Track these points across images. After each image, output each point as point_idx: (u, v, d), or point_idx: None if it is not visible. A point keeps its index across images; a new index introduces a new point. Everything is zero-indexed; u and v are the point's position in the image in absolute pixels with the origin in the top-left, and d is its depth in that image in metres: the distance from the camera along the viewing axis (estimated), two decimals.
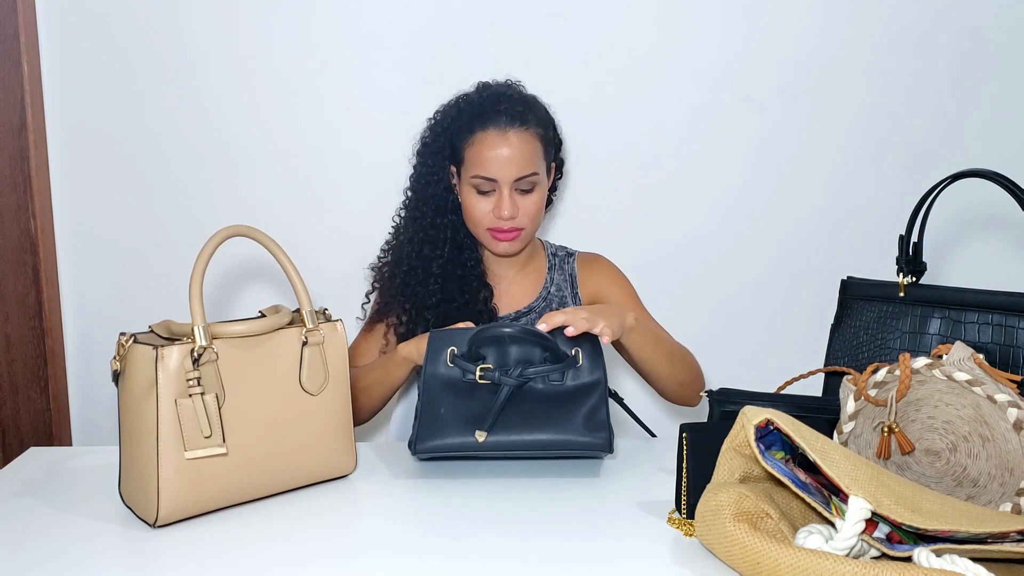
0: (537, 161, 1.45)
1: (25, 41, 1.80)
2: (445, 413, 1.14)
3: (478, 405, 1.14)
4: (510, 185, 1.43)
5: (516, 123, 1.43)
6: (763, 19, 1.92)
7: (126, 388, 1.02)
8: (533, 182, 1.45)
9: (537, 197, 1.46)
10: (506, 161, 1.42)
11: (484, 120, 1.43)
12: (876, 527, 0.85)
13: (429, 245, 1.49)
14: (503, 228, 1.44)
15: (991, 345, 1.11)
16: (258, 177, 1.91)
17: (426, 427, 1.14)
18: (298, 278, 1.10)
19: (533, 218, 1.46)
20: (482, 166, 1.42)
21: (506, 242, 1.46)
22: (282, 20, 1.87)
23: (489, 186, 1.43)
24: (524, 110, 1.45)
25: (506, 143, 1.42)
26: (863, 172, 1.99)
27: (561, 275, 1.57)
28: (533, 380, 1.16)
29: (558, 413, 1.14)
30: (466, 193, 1.46)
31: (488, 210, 1.44)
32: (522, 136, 1.43)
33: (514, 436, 1.12)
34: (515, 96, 1.47)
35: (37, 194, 1.84)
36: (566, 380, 1.17)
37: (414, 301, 1.48)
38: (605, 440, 1.13)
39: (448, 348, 1.18)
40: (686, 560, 0.93)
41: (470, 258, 1.51)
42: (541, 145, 1.46)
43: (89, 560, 0.95)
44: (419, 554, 0.95)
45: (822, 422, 1.07)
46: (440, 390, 1.16)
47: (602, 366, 1.18)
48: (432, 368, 1.18)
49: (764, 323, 2.02)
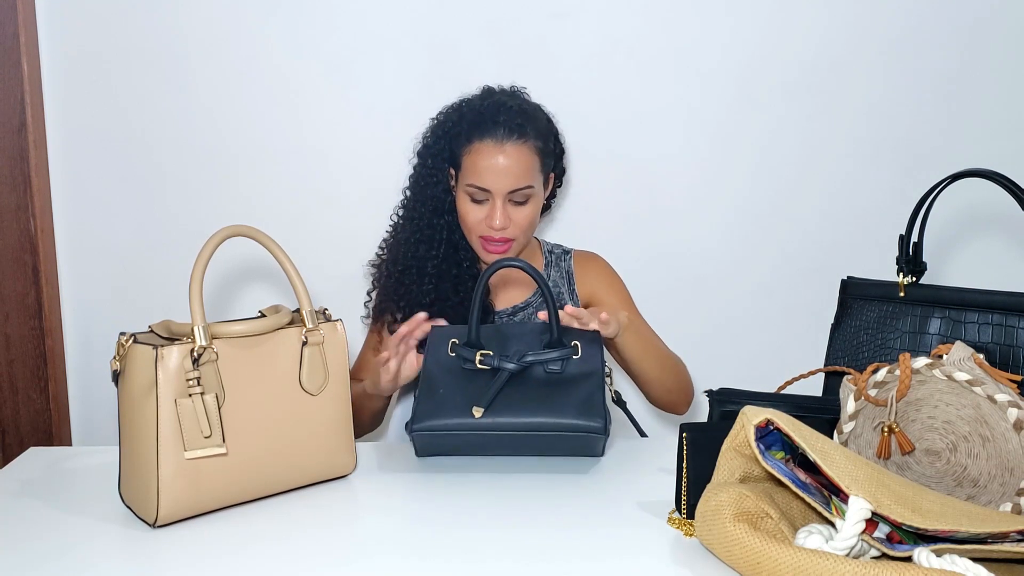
0: (532, 174, 1.45)
1: (25, 41, 1.80)
2: (444, 394, 1.16)
3: (477, 388, 1.16)
4: (503, 196, 1.43)
5: (514, 136, 1.42)
6: (764, 19, 1.92)
7: (126, 388, 1.02)
8: (527, 195, 1.45)
9: (530, 210, 1.46)
10: (501, 173, 1.42)
11: (482, 130, 1.43)
12: (876, 527, 0.85)
13: (424, 245, 1.50)
14: (494, 238, 1.45)
15: (991, 345, 1.11)
16: (258, 177, 1.91)
17: (424, 406, 1.16)
18: (298, 278, 1.10)
19: (525, 230, 1.47)
20: (477, 176, 1.43)
21: (496, 253, 1.47)
22: (282, 20, 1.87)
23: (483, 196, 1.44)
24: (523, 123, 1.44)
25: (502, 155, 1.42)
26: (863, 172, 1.99)
27: (558, 272, 1.58)
28: (532, 367, 1.18)
29: (555, 396, 1.16)
30: (461, 199, 1.47)
31: (481, 218, 1.45)
32: (519, 149, 1.43)
33: (510, 417, 1.14)
34: (515, 108, 1.46)
35: (37, 194, 1.84)
36: (565, 368, 1.19)
37: (408, 300, 1.49)
38: (600, 424, 1.14)
39: (449, 340, 1.22)
40: (686, 560, 0.93)
41: (466, 258, 1.52)
42: (539, 158, 1.46)
43: (89, 560, 0.95)
44: (419, 554, 0.95)
45: (822, 422, 1.07)
46: (440, 374, 1.19)
47: (600, 358, 1.20)
48: (434, 357, 1.21)
49: (764, 323, 2.02)
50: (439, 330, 1.25)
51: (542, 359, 1.18)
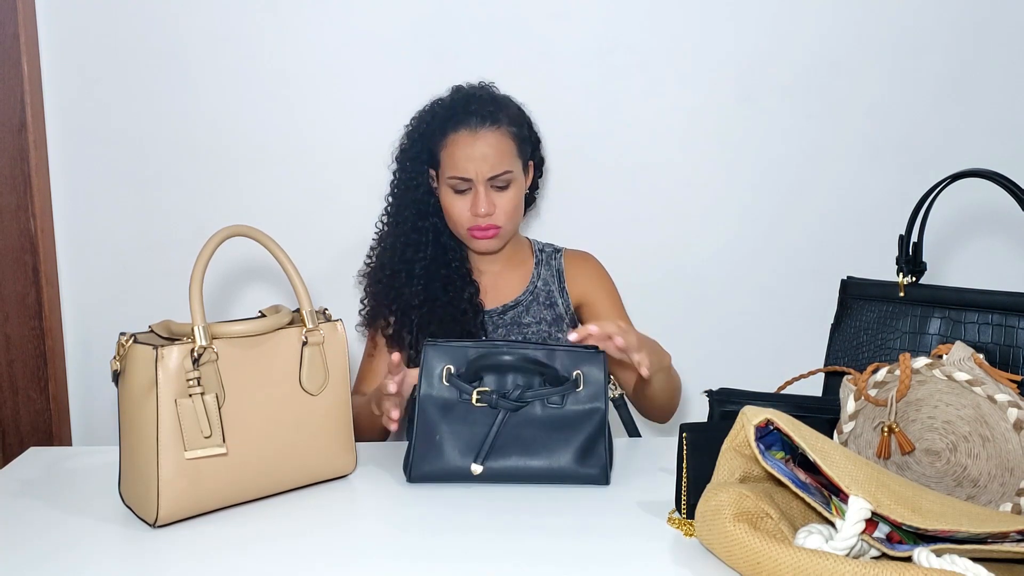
0: (511, 159, 1.47)
1: (25, 41, 1.80)
2: (440, 440, 1.13)
3: (474, 430, 1.13)
4: (484, 183, 1.45)
5: (487, 123, 1.46)
6: (764, 19, 1.92)
7: (126, 388, 1.02)
8: (508, 179, 1.46)
9: (513, 194, 1.48)
10: (479, 160, 1.44)
11: (456, 122, 1.46)
12: (876, 527, 0.85)
13: (411, 248, 1.52)
14: (481, 226, 1.46)
15: (991, 345, 1.11)
16: (258, 177, 1.91)
17: (421, 451, 1.13)
18: (298, 278, 1.10)
19: (510, 216, 1.48)
20: (455, 167, 1.45)
21: (485, 240, 1.48)
22: (282, 20, 1.87)
23: (465, 185, 1.45)
24: (495, 109, 1.47)
25: (478, 141, 1.44)
26: (864, 172, 1.99)
27: (548, 270, 1.58)
28: (531, 403, 1.14)
29: (553, 441, 1.13)
30: (444, 194, 1.49)
31: (465, 209, 1.46)
32: (494, 134, 1.45)
33: (508, 463, 1.12)
34: (485, 96, 1.49)
35: (37, 194, 1.84)
36: (565, 404, 1.14)
37: (399, 303, 1.50)
38: (599, 471, 1.12)
39: (444, 366, 1.15)
40: (686, 560, 0.93)
41: (455, 257, 1.53)
42: (515, 143, 1.48)
43: (89, 560, 0.95)
44: (419, 554, 0.95)
45: (822, 422, 1.07)
46: (437, 414, 1.14)
47: (604, 393, 1.15)
48: (427, 388, 1.14)
49: (764, 323, 2.02)
50: (433, 351, 1.15)
51: (542, 395, 1.13)
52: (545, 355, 1.15)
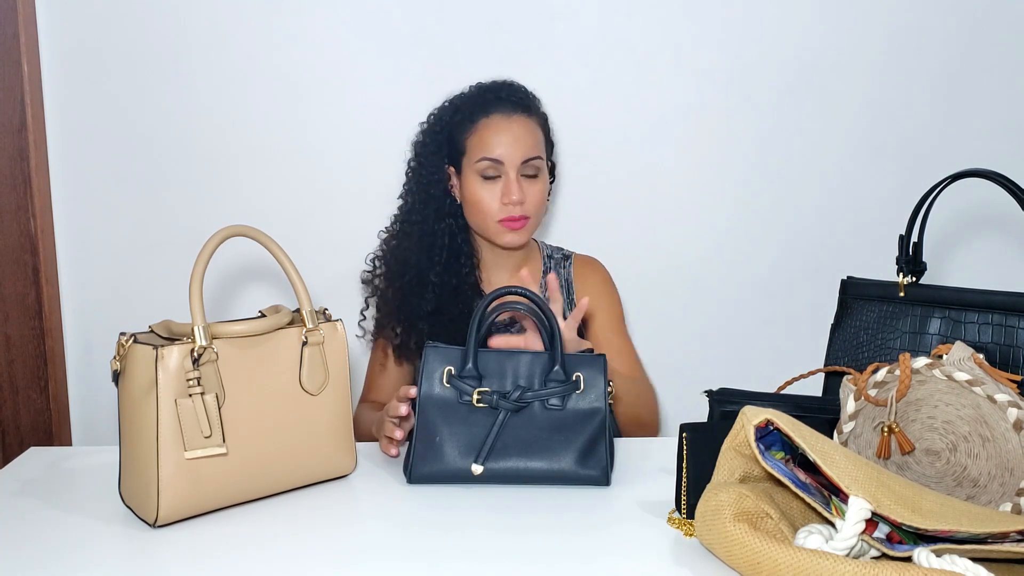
0: (540, 147, 1.48)
1: (25, 41, 1.80)
2: (440, 442, 1.13)
3: (475, 431, 1.13)
4: (516, 168, 1.44)
5: (519, 109, 1.47)
6: (763, 19, 1.92)
7: (126, 388, 1.02)
8: (537, 167, 1.46)
9: (541, 185, 1.48)
10: (512, 143, 1.44)
11: (488, 108, 1.47)
12: (876, 527, 0.85)
13: (426, 253, 1.49)
14: (514, 216, 1.44)
15: (991, 345, 1.11)
16: (258, 177, 1.92)
17: (421, 452, 1.13)
18: (298, 278, 1.10)
19: (538, 207, 1.48)
20: (488, 148, 1.44)
21: (515, 231, 1.46)
22: (282, 20, 1.87)
23: (495, 170, 1.44)
24: (527, 99, 1.49)
25: (512, 125, 1.45)
26: (863, 172, 1.99)
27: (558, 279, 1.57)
28: (532, 403, 1.14)
29: (554, 442, 1.12)
30: (471, 185, 1.46)
31: (496, 199, 1.44)
32: (527, 122, 1.47)
33: (508, 464, 1.12)
34: (517, 87, 1.51)
35: (37, 194, 1.84)
36: (566, 405, 1.14)
37: (408, 312, 1.48)
38: (600, 473, 1.12)
39: (444, 367, 1.15)
40: (686, 560, 0.93)
41: (466, 265, 1.51)
42: (543, 134, 1.50)
43: (89, 560, 0.95)
44: (419, 554, 0.95)
45: (822, 422, 1.07)
46: (437, 414, 1.14)
47: (604, 393, 1.15)
48: (427, 388, 1.15)
49: (764, 323, 2.02)
50: (434, 352, 1.16)
51: (543, 396, 1.13)
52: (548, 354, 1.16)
